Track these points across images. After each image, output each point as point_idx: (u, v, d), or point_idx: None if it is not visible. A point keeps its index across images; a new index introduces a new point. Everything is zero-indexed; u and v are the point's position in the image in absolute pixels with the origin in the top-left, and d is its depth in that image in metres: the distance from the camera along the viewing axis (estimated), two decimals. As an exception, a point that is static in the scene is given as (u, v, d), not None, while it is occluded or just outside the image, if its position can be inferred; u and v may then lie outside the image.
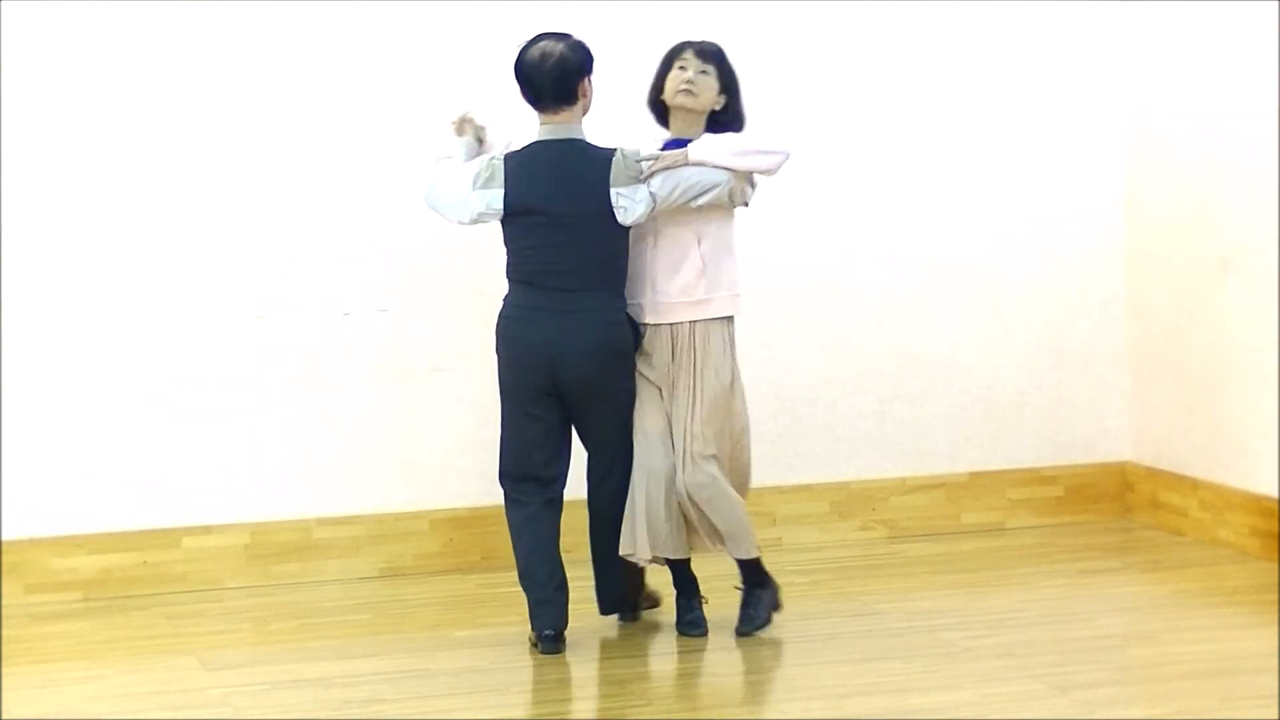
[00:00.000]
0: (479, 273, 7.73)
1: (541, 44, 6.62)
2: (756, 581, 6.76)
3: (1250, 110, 7.51)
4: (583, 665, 6.45)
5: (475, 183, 6.61)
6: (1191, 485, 7.93)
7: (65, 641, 6.95)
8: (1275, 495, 7.43)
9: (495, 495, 7.77)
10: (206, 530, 7.54)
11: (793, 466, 8.02)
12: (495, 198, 6.60)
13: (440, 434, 7.73)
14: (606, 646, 6.64)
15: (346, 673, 6.41)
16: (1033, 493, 8.20)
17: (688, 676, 6.26)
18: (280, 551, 7.60)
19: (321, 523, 7.64)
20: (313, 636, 6.91)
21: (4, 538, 7.37)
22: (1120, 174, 8.27)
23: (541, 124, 6.65)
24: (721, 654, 6.53)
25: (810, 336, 8.03)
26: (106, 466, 7.46)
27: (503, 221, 6.66)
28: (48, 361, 7.40)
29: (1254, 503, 7.57)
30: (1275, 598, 6.96)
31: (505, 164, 6.60)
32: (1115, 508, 8.32)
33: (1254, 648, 6.39)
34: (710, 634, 6.73)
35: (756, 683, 6.21)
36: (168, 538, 7.51)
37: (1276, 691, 5.89)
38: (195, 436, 7.53)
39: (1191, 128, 7.88)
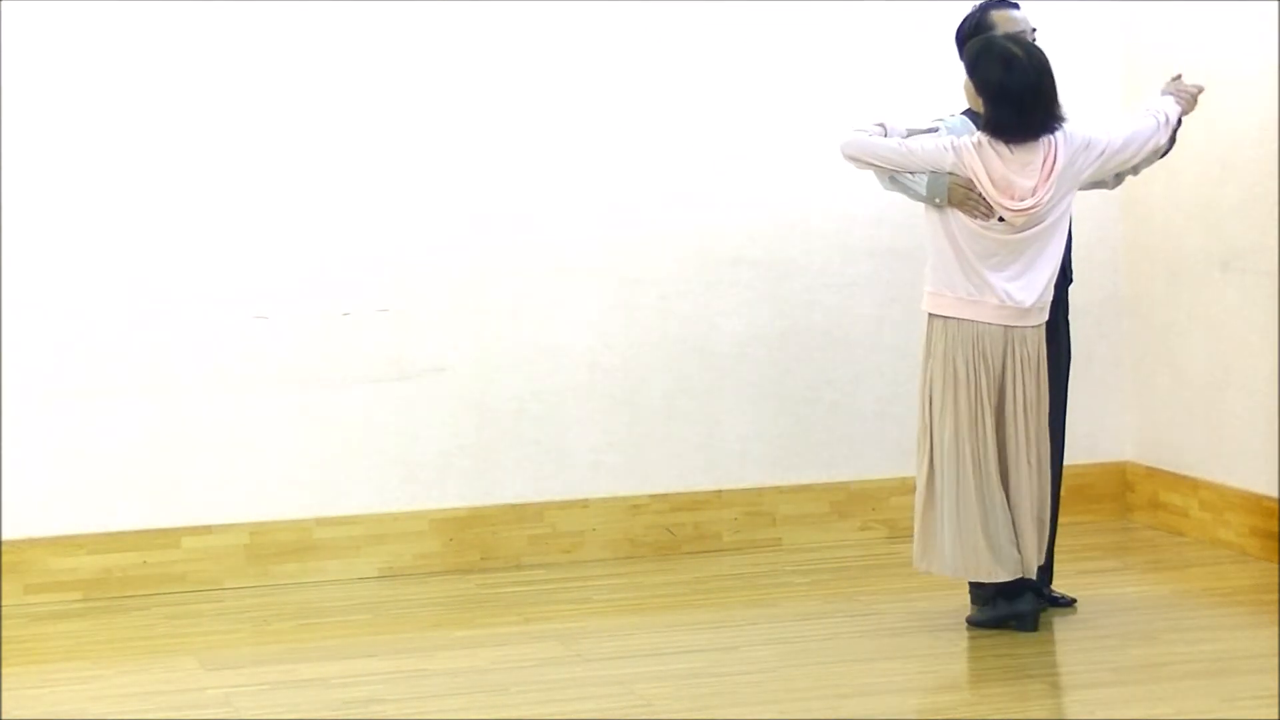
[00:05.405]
0: (479, 273, 7.73)
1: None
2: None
3: (1249, 110, 7.51)
4: (583, 665, 6.44)
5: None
6: (1191, 485, 7.93)
7: (65, 641, 6.95)
8: (1275, 495, 7.43)
9: (495, 495, 7.78)
10: (206, 530, 7.54)
11: (793, 466, 8.02)
12: None
13: (440, 434, 7.73)
14: (606, 646, 6.64)
15: (346, 673, 6.41)
16: (1032, 493, 8.18)
17: (688, 676, 6.26)
18: (280, 551, 7.60)
19: (321, 523, 7.64)
20: (313, 636, 6.90)
21: (4, 538, 7.37)
22: (1120, 174, 8.28)
23: None
24: (722, 654, 6.53)
25: (810, 336, 8.03)
26: (106, 466, 7.46)
27: None
28: (48, 361, 7.40)
29: (1254, 503, 7.57)
30: (1275, 598, 6.95)
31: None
32: (1115, 508, 8.32)
33: (1254, 648, 6.38)
34: (710, 634, 6.75)
35: (756, 683, 6.20)
36: (168, 538, 7.51)
37: (1277, 691, 5.89)
38: (195, 436, 7.53)
39: (1190, 127, 7.86)
